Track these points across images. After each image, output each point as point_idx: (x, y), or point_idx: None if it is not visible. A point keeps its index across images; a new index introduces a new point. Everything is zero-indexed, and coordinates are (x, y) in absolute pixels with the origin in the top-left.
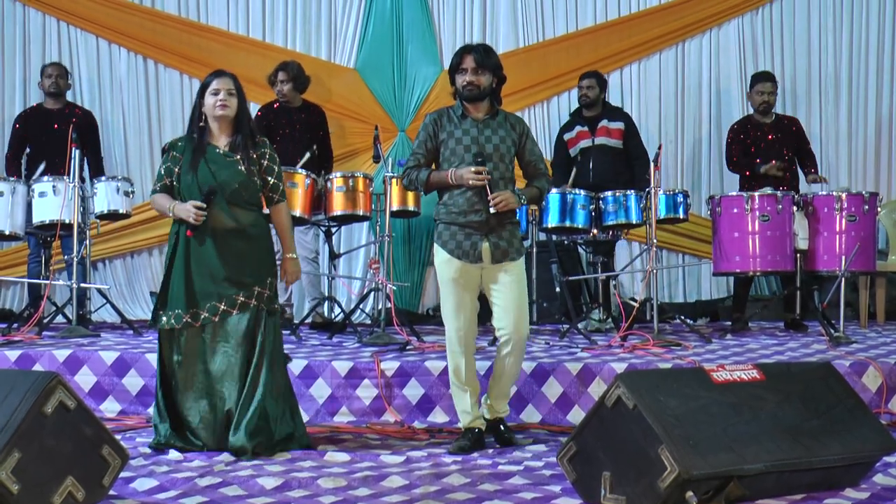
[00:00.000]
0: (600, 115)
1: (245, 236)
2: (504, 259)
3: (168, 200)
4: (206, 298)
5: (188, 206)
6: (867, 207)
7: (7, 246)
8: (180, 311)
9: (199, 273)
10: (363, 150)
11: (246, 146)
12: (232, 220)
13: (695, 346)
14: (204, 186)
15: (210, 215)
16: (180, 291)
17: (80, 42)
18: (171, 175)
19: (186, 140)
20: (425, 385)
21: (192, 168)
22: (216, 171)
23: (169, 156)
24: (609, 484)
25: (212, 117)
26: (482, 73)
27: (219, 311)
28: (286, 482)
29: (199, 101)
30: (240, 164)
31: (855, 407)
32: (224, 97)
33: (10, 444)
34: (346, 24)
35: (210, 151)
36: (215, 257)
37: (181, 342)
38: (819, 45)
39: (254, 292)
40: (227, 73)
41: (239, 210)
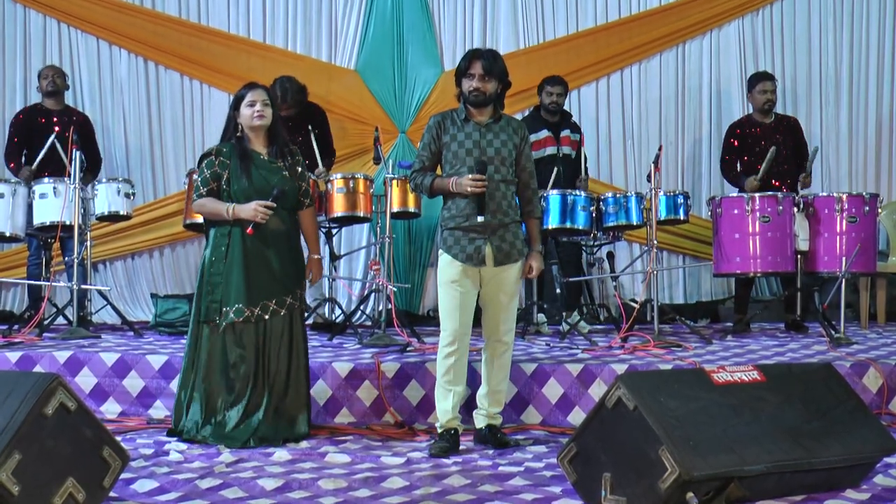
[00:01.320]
0: (560, 122)
1: (289, 239)
2: (506, 262)
3: (220, 203)
4: (261, 296)
5: (254, 205)
6: (867, 208)
7: (7, 247)
8: (241, 306)
9: (258, 272)
10: (363, 151)
11: (284, 154)
12: (282, 223)
13: (695, 348)
14: (259, 189)
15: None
16: (240, 287)
17: (80, 44)
18: (217, 180)
19: (230, 147)
20: (426, 386)
21: (245, 173)
22: (266, 176)
23: (216, 161)
24: (609, 485)
25: (248, 127)
26: (489, 80)
27: (269, 309)
28: (287, 483)
29: (234, 112)
30: (283, 169)
31: (855, 408)
32: (260, 108)
33: (11, 446)
34: (346, 25)
35: (256, 157)
36: (272, 257)
37: (242, 338)
38: (819, 46)
39: (296, 294)
40: (259, 84)
41: (285, 214)
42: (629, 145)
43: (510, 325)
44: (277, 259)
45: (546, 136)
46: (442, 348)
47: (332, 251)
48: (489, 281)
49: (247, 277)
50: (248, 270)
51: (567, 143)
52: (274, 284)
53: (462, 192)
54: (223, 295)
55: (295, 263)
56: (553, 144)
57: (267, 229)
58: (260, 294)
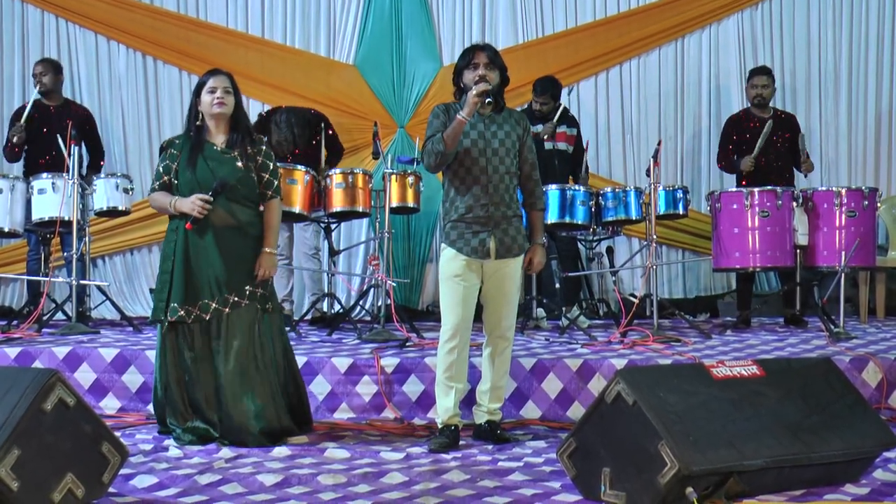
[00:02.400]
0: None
1: (242, 234)
2: (507, 255)
3: (168, 197)
4: (202, 295)
5: (193, 198)
6: (867, 203)
7: (6, 243)
8: (176, 305)
9: (198, 269)
10: (362, 146)
11: (243, 143)
12: (231, 216)
13: (694, 342)
14: (203, 182)
15: (210, 211)
16: (179, 286)
17: (78, 39)
18: (169, 173)
19: (184, 138)
20: (425, 381)
21: (191, 165)
22: (214, 167)
23: (167, 153)
24: (609, 480)
25: (209, 115)
26: (492, 70)
27: (211, 308)
28: (286, 479)
29: (196, 99)
30: (237, 160)
31: (855, 402)
32: (221, 95)
33: (10, 442)
34: (345, 20)
35: (208, 148)
36: (215, 254)
37: (188, 339)
38: (818, 41)
39: (245, 292)
40: (222, 71)
41: (237, 207)
42: (628, 140)
43: (511, 320)
44: (221, 256)
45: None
46: (443, 343)
47: (331, 246)
48: (491, 275)
49: (185, 275)
50: (186, 268)
51: (563, 139)
52: (216, 283)
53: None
54: (159, 294)
55: (249, 261)
56: (547, 140)
57: (211, 224)
58: (199, 293)
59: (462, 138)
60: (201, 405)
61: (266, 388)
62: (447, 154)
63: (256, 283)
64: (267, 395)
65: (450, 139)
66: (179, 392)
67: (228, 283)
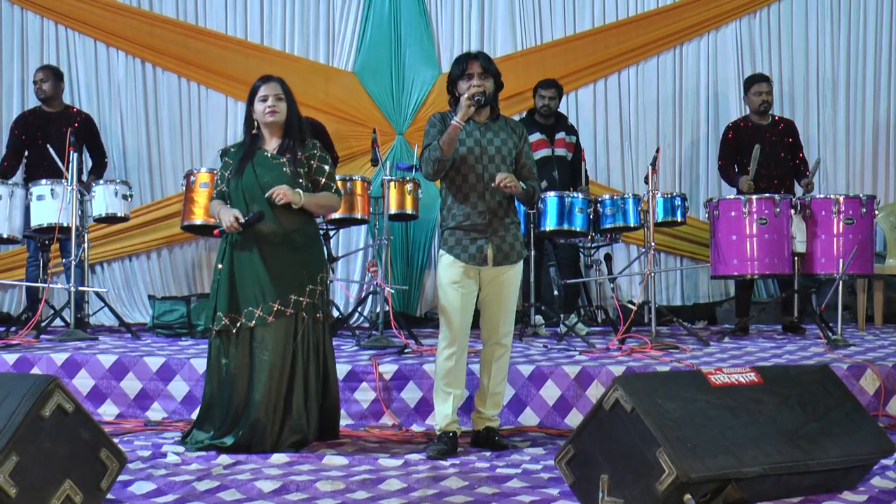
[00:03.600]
0: (555, 125)
1: (289, 242)
2: (505, 262)
3: (220, 206)
4: (246, 304)
5: (229, 214)
6: (865, 210)
7: (5, 249)
8: (221, 315)
9: (243, 279)
10: (361, 153)
11: (293, 148)
12: (275, 224)
13: (693, 349)
14: (248, 189)
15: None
16: (224, 295)
17: (77, 45)
18: (224, 181)
19: (239, 145)
20: (423, 388)
21: (239, 172)
22: (260, 174)
23: (223, 162)
24: (607, 487)
25: (262, 123)
26: (487, 79)
27: (255, 317)
28: (284, 485)
29: (250, 107)
30: (285, 166)
31: (853, 410)
32: (273, 103)
33: (8, 448)
34: (344, 27)
35: (258, 155)
36: (259, 263)
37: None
38: (817, 49)
39: (290, 300)
40: (274, 77)
41: (283, 214)
42: (626, 147)
43: (509, 327)
44: (264, 265)
45: (539, 138)
46: (441, 350)
47: (329, 253)
48: (489, 282)
49: (230, 284)
50: (231, 277)
51: (562, 146)
52: (259, 291)
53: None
54: (215, 303)
55: (294, 270)
56: (547, 147)
57: (257, 233)
58: (243, 302)
59: (458, 146)
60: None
61: (300, 399)
62: (445, 160)
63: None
64: (301, 407)
65: (446, 145)
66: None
67: (273, 293)
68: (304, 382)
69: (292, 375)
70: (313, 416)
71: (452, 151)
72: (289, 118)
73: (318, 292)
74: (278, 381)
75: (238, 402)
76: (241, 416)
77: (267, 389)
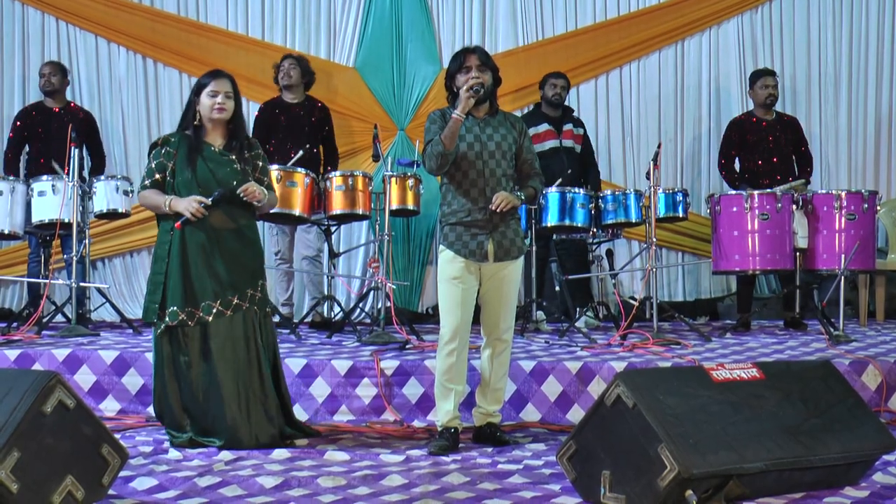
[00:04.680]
0: (563, 117)
1: (240, 237)
2: (506, 258)
3: (161, 196)
4: (203, 297)
5: (189, 200)
6: (867, 206)
7: (6, 245)
8: (176, 309)
9: (198, 272)
10: (362, 148)
11: (241, 147)
12: (230, 219)
13: (694, 345)
14: (203, 183)
15: (209, 213)
16: (177, 289)
17: (78, 41)
18: (162, 171)
19: (179, 136)
20: (425, 384)
21: (190, 165)
22: (213, 168)
23: (161, 151)
24: (609, 482)
25: (207, 118)
26: (485, 72)
27: (213, 310)
28: (286, 481)
29: (195, 98)
30: (235, 163)
31: (854, 405)
32: (222, 100)
33: (10, 444)
34: (345, 22)
35: (206, 149)
36: (215, 256)
37: (184, 343)
38: (819, 44)
39: (246, 294)
40: (224, 73)
41: (235, 210)
42: (628, 142)
43: (510, 322)
44: (222, 258)
45: (546, 129)
46: (442, 346)
47: (330, 249)
48: (489, 278)
49: (184, 278)
50: (185, 270)
51: (570, 137)
52: (217, 285)
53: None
54: (163, 296)
55: (246, 264)
56: (554, 137)
57: (209, 226)
58: (200, 295)
59: (458, 142)
60: (195, 411)
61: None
62: (447, 154)
63: (257, 287)
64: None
65: (447, 139)
66: (175, 400)
67: (231, 286)
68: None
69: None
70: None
71: (455, 145)
72: (234, 116)
73: (265, 287)
74: (246, 376)
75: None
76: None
77: (234, 386)
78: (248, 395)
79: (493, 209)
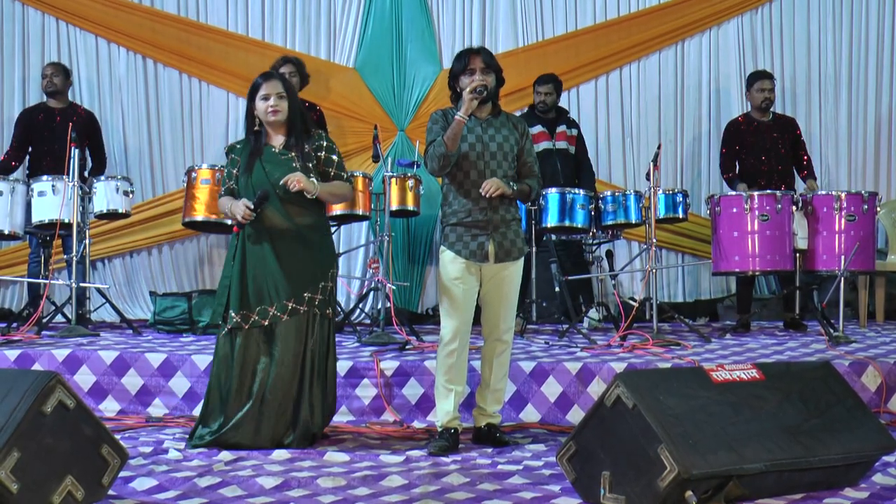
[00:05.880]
0: (557, 119)
1: (300, 238)
2: (506, 259)
3: (231, 202)
4: (259, 302)
5: (239, 203)
6: (866, 207)
7: (6, 245)
8: (233, 313)
9: (255, 276)
10: (362, 149)
11: (300, 143)
12: (286, 220)
13: (694, 346)
14: (257, 186)
15: (265, 216)
16: (236, 293)
17: (79, 41)
18: (231, 178)
19: (244, 142)
20: (425, 385)
21: (248, 170)
22: (270, 170)
23: (229, 159)
24: (608, 483)
25: (265, 122)
26: (488, 74)
27: (269, 315)
28: (286, 482)
29: (251, 104)
30: (294, 161)
31: (854, 406)
32: (275, 102)
33: (10, 444)
34: (345, 23)
35: (266, 152)
36: (272, 259)
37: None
38: (819, 45)
39: (304, 298)
40: (275, 74)
41: (294, 209)
42: (628, 143)
43: (510, 323)
44: (277, 261)
45: (540, 131)
46: (443, 346)
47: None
48: (490, 279)
49: (242, 281)
50: (243, 274)
51: (563, 138)
52: (273, 289)
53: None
54: (227, 300)
55: (307, 266)
56: (547, 139)
57: (265, 227)
58: (256, 300)
59: (460, 142)
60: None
61: (318, 395)
62: (450, 155)
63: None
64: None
65: (450, 140)
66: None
67: (288, 290)
68: (312, 381)
69: (302, 375)
70: (318, 414)
71: (457, 146)
72: (291, 115)
73: (329, 289)
74: (289, 380)
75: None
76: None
77: (275, 387)
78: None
79: (483, 193)
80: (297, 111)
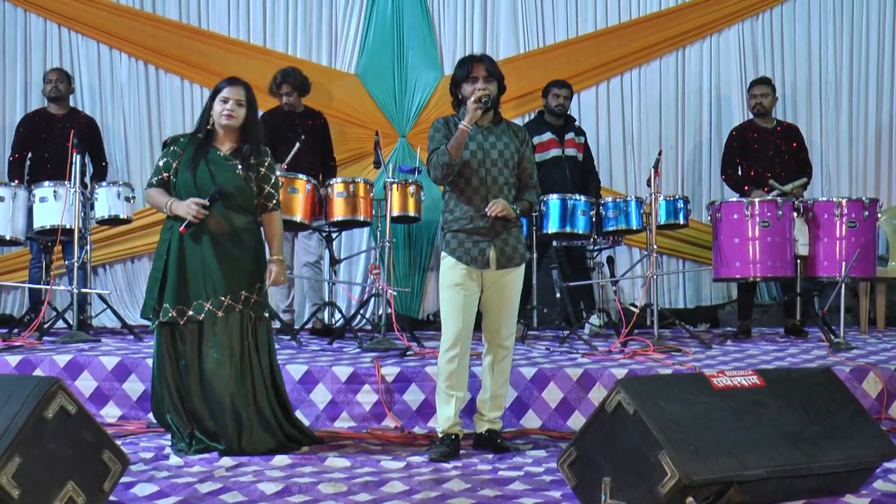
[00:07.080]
0: (565, 126)
1: (238, 241)
2: (508, 265)
3: (165, 196)
4: (195, 297)
5: (189, 202)
6: (867, 213)
7: (8, 251)
8: (168, 306)
9: (193, 272)
10: (364, 155)
11: (248, 154)
12: (227, 223)
13: (695, 352)
14: (201, 186)
15: (207, 217)
16: (172, 287)
17: (81, 47)
18: (168, 170)
19: (190, 137)
20: (426, 390)
21: (192, 166)
22: (215, 172)
23: (169, 150)
24: (609, 489)
25: (217, 123)
26: (491, 82)
27: (204, 310)
28: (287, 487)
29: (210, 103)
30: (238, 168)
31: (855, 413)
32: (231, 107)
33: (11, 449)
34: (346, 29)
35: (212, 153)
36: (210, 258)
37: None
38: (819, 52)
39: (240, 297)
40: (240, 81)
41: (234, 214)
42: (629, 150)
43: (511, 329)
44: (216, 259)
45: (549, 138)
46: (443, 352)
47: (332, 255)
48: (491, 285)
49: (178, 276)
50: (181, 269)
51: (572, 146)
52: (210, 286)
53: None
54: (160, 293)
55: (243, 267)
56: (557, 147)
57: (207, 229)
58: (193, 294)
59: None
60: (198, 414)
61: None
62: (453, 164)
63: (253, 290)
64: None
65: (454, 150)
66: (179, 398)
67: (224, 287)
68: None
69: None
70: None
71: (460, 155)
72: (245, 124)
73: (265, 292)
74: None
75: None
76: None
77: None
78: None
79: (488, 213)
80: (254, 123)
